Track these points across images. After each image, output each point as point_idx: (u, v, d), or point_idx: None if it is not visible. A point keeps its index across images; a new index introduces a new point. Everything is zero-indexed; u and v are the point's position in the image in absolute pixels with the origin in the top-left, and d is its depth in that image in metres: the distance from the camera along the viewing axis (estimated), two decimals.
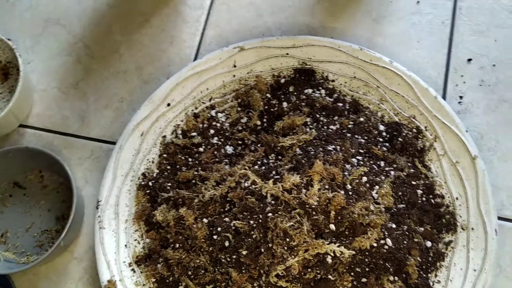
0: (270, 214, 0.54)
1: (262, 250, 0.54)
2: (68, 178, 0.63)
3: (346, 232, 0.55)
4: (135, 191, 0.65)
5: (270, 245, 0.53)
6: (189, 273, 0.59)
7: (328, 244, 0.53)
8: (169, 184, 0.64)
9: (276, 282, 0.54)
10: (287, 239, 0.53)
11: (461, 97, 0.69)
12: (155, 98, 0.67)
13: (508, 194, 0.64)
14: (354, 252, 0.53)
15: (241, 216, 0.56)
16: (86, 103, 0.73)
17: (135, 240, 0.63)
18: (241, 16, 0.76)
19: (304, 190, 0.54)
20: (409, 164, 0.63)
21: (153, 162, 0.67)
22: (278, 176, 0.58)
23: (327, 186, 0.55)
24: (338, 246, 0.53)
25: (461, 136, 0.62)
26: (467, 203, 0.61)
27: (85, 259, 0.65)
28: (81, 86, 0.74)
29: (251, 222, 0.55)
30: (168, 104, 0.68)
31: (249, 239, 0.54)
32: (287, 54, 0.69)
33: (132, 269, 0.61)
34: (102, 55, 0.76)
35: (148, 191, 0.64)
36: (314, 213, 0.54)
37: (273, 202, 0.55)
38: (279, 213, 0.54)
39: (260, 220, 0.54)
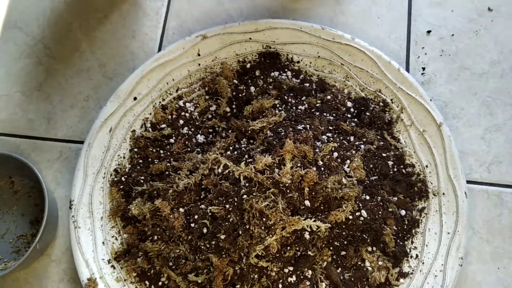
0: (245, 196, 0.54)
1: (240, 232, 0.54)
2: (38, 181, 0.62)
3: (321, 207, 0.55)
4: (108, 188, 0.64)
5: (247, 226, 0.53)
6: (170, 263, 0.59)
7: (304, 220, 0.53)
8: (142, 177, 0.63)
9: (257, 263, 0.54)
10: (264, 219, 0.53)
11: (423, 68, 0.71)
12: (121, 93, 0.66)
13: (475, 158, 0.66)
14: (330, 225, 0.54)
15: (217, 201, 0.56)
16: (51, 105, 0.72)
17: (113, 236, 0.62)
18: (202, 5, 0.76)
19: (276, 170, 0.55)
20: (378, 137, 0.64)
21: (124, 157, 0.66)
22: (251, 159, 0.58)
23: (299, 164, 0.55)
24: (314, 221, 0.53)
25: (426, 106, 0.64)
26: (437, 170, 0.62)
27: (64, 260, 0.64)
28: (44, 88, 0.73)
29: (227, 206, 0.55)
30: (135, 98, 0.67)
31: (226, 223, 0.55)
32: (250, 39, 0.69)
33: (112, 266, 0.61)
34: (63, 55, 0.75)
35: (121, 187, 0.64)
36: (288, 191, 0.54)
37: (247, 184, 0.55)
38: (254, 194, 0.54)
39: (235, 203, 0.54)
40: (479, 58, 0.70)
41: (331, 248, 0.57)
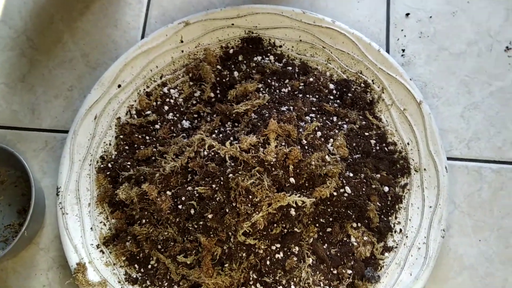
0: (231, 175, 0.55)
1: (227, 210, 0.55)
2: (25, 170, 0.62)
3: (306, 184, 0.56)
4: (95, 175, 0.64)
5: (234, 204, 0.54)
6: (159, 246, 0.60)
7: (289, 196, 0.54)
8: (129, 163, 0.64)
9: (244, 241, 0.55)
10: (250, 196, 0.54)
11: (403, 50, 0.72)
12: (105, 80, 0.67)
13: (455, 135, 0.67)
14: (314, 200, 0.55)
15: (203, 182, 0.57)
16: (35, 95, 0.72)
17: (101, 222, 0.63)
18: None
19: (261, 149, 0.56)
20: (361, 116, 0.65)
21: (110, 144, 0.66)
22: (236, 141, 0.59)
23: (283, 143, 0.56)
24: (299, 197, 0.54)
25: (406, 85, 0.65)
26: (418, 146, 0.63)
27: (52, 249, 0.64)
28: (28, 79, 0.73)
29: (213, 186, 0.56)
30: (119, 86, 0.67)
31: (213, 202, 0.55)
32: (233, 24, 0.70)
33: (101, 251, 0.61)
34: (46, 46, 0.75)
35: (108, 173, 0.64)
36: (273, 169, 0.55)
37: (232, 164, 0.56)
38: (240, 172, 0.55)
39: (222, 183, 0.55)
40: (456, 39, 0.72)
41: (317, 225, 0.58)
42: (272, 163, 0.55)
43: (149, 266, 0.60)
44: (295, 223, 0.57)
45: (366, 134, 0.64)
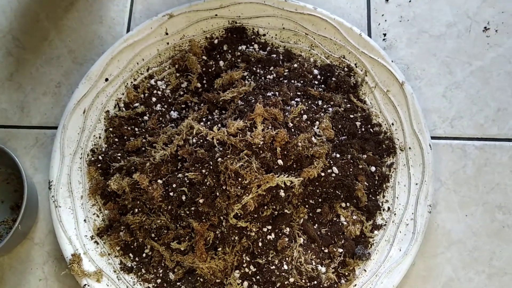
0: (219, 159, 0.56)
1: (217, 194, 0.56)
2: (16, 167, 0.62)
3: (294, 165, 0.58)
4: (86, 168, 0.65)
5: (224, 187, 0.55)
6: (152, 234, 0.60)
7: (278, 177, 0.55)
8: (119, 154, 0.64)
9: (236, 224, 0.56)
10: (239, 179, 0.55)
11: (384, 34, 0.73)
12: (92, 74, 0.67)
13: (438, 115, 0.69)
14: (302, 179, 0.56)
15: (193, 168, 0.57)
16: (23, 93, 0.73)
17: (94, 214, 0.64)
18: None
19: (249, 133, 0.57)
20: (345, 100, 0.67)
21: (100, 137, 0.67)
22: (224, 127, 0.60)
23: (270, 126, 0.57)
24: (287, 177, 0.55)
25: (388, 67, 0.67)
26: (402, 126, 0.65)
27: (47, 243, 0.65)
28: (16, 78, 0.74)
29: (203, 171, 0.57)
30: (106, 79, 0.68)
31: (204, 187, 0.56)
32: (216, 15, 0.71)
33: (95, 242, 0.62)
34: (32, 45, 0.75)
35: (99, 165, 0.65)
36: (261, 152, 0.56)
37: (221, 148, 0.57)
38: (228, 156, 0.56)
39: (211, 167, 0.56)
40: (436, 21, 0.74)
41: (306, 206, 0.59)
42: (259, 146, 0.56)
43: (144, 255, 0.61)
44: (285, 205, 0.58)
45: (351, 116, 0.65)
